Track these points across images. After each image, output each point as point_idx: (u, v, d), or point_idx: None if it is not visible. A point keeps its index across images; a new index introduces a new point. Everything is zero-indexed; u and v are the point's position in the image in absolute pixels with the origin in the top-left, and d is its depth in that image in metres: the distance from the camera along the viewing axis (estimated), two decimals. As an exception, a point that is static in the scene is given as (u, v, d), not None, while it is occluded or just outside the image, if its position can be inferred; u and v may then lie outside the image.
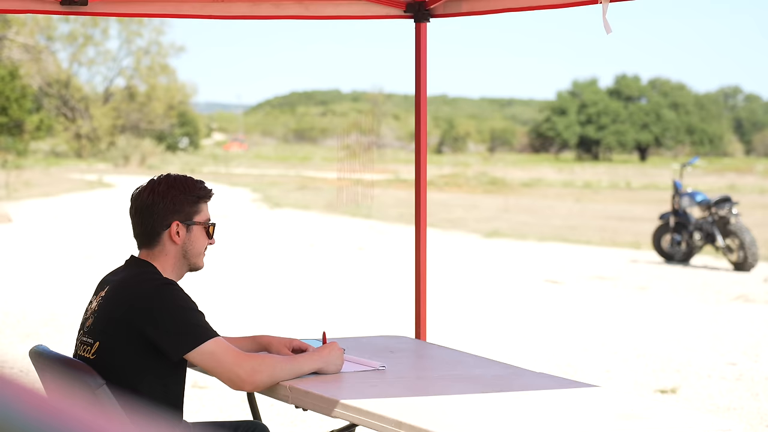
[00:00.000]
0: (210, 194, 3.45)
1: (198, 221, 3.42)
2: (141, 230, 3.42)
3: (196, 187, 3.41)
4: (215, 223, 3.49)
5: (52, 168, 45.11)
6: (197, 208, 3.41)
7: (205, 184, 3.46)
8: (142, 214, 3.40)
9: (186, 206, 3.39)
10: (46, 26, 57.94)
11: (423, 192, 4.62)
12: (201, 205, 3.42)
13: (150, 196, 3.38)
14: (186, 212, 3.39)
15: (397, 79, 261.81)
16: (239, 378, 3.25)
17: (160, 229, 3.38)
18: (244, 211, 24.07)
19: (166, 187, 3.38)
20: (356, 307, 10.75)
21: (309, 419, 6.15)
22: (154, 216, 3.38)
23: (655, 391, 7.26)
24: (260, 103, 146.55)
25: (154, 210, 3.37)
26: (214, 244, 3.50)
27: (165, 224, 3.38)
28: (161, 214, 3.37)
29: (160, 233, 3.39)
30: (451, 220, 22.30)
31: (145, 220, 3.40)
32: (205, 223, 3.44)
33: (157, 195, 3.37)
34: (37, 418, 0.95)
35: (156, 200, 3.37)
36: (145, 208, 3.39)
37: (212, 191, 3.48)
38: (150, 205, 3.38)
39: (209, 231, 3.45)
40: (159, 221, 3.38)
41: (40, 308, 10.15)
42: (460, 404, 3.11)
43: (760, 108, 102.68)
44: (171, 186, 3.38)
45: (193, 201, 3.40)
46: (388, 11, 4.61)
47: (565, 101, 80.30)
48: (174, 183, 3.39)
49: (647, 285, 12.85)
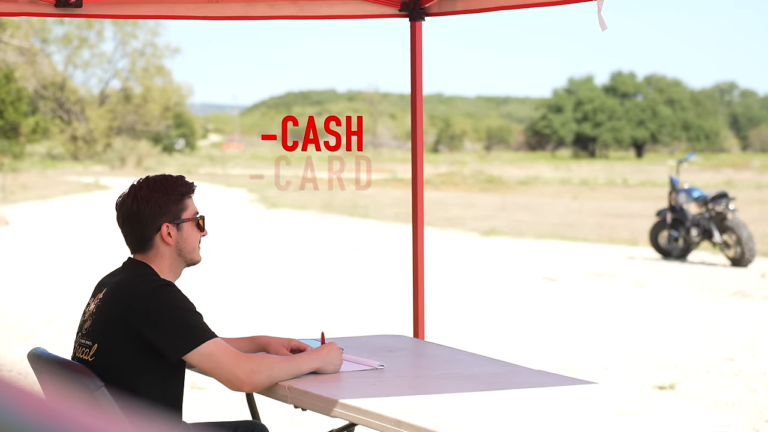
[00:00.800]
0: (192, 188, 3.43)
1: (186, 218, 3.39)
2: (132, 238, 3.40)
3: (177, 185, 3.38)
4: (204, 215, 3.47)
5: (48, 171, 45.09)
6: (183, 205, 3.39)
7: (185, 178, 3.42)
8: (129, 222, 3.38)
9: (171, 206, 3.36)
10: (40, 29, 57.91)
11: (420, 191, 4.62)
12: (186, 201, 3.40)
13: (134, 203, 3.35)
14: (173, 212, 3.37)
15: (393, 79, 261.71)
16: (238, 379, 3.24)
17: (151, 234, 3.36)
18: (240, 212, 24.07)
19: (148, 191, 3.35)
20: (354, 306, 10.75)
21: (308, 419, 6.15)
22: (141, 223, 3.36)
23: (654, 388, 7.27)
24: (256, 103, 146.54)
25: (140, 217, 3.35)
26: (207, 236, 3.48)
27: (154, 228, 3.36)
28: (148, 219, 3.35)
29: (152, 237, 3.37)
30: (448, 219, 22.30)
31: (133, 228, 3.38)
32: (193, 217, 3.41)
33: (140, 201, 3.35)
34: (37, 421, 0.96)
35: (141, 206, 3.35)
36: (132, 215, 3.36)
37: (194, 184, 3.45)
38: (136, 212, 3.35)
39: (200, 224, 3.43)
40: (148, 227, 3.36)
41: (38, 311, 10.14)
42: (458, 402, 3.11)
43: (756, 103, 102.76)
44: (153, 189, 3.35)
45: (177, 199, 3.37)
46: (383, 10, 4.61)
47: (561, 99, 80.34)
48: (155, 185, 3.36)
49: (645, 281, 12.86)
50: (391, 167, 46.98)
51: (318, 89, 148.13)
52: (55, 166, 49.69)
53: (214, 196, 28.68)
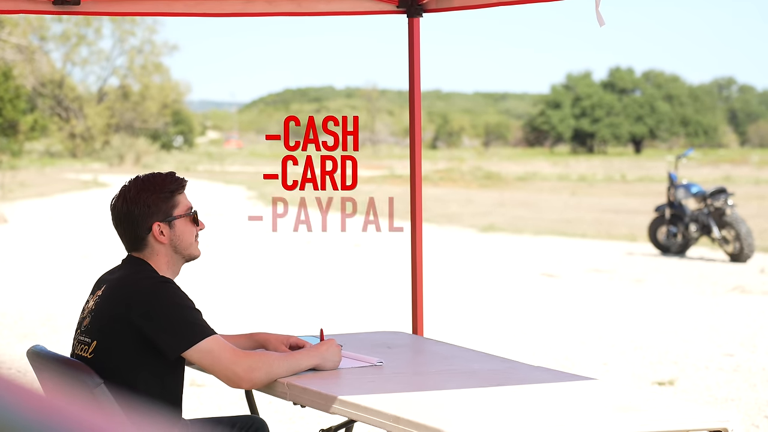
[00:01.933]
0: (183, 184, 3.40)
1: (178, 215, 3.37)
2: (126, 239, 3.40)
3: (166, 182, 3.36)
4: (197, 210, 3.45)
5: (47, 168, 45.08)
6: (174, 203, 3.37)
7: (176, 174, 3.40)
8: (122, 223, 3.37)
9: (162, 204, 3.35)
10: (38, 26, 57.81)
11: (418, 187, 4.62)
12: (177, 197, 3.38)
13: (124, 204, 3.34)
14: (163, 211, 3.35)
15: (391, 75, 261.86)
16: (237, 376, 3.24)
17: (144, 234, 3.35)
18: (239, 209, 24.06)
19: (137, 192, 3.34)
20: (353, 303, 10.76)
21: (307, 416, 6.15)
22: (133, 224, 3.35)
23: (653, 384, 7.27)
24: (254, 100, 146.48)
25: (131, 218, 3.34)
26: (204, 229, 3.46)
27: (146, 228, 3.34)
28: (139, 220, 3.34)
29: (145, 237, 3.36)
30: (447, 215, 22.30)
31: (126, 229, 3.37)
32: (186, 213, 3.39)
33: (130, 202, 3.34)
34: (36, 419, 0.95)
35: (131, 208, 3.33)
36: (123, 217, 3.36)
37: (185, 180, 3.42)
38: (126, 213, 3.34)
39: (194, 218, 3.42)
40: (140, 227, 3.34)
41: (37, 308, 10.14)
42: (457, 399, 3.11)
43: (754, 99, 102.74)
44: (141, 189, 3.34)
45: (167, 197, 3.35)
46: (380, 6, 4.61)
47: (559, 95, 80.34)
48: (144, 186, 3.35)
49: (643, 277, 12.86)
50: (389, 164, 46.97)
51: (316, 86, 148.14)
52: (53, 164, 49.67)
53: (212, 193, 28.67)
